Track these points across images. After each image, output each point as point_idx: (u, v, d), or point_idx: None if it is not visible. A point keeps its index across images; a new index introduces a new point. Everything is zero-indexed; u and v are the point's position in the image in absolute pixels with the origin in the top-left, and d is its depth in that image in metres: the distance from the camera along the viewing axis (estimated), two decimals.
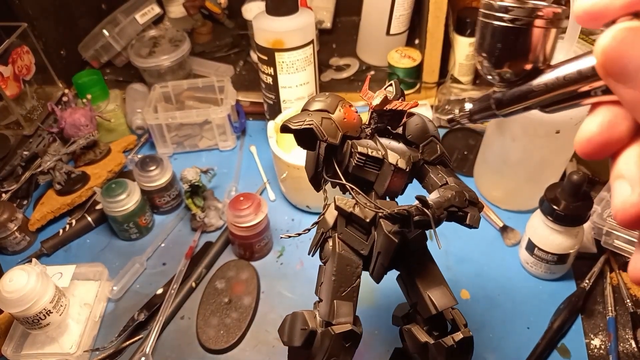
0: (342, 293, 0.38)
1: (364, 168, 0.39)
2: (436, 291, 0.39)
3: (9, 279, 0.55)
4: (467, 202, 0.38)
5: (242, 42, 1.09)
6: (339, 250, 0.39)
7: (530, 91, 0.28)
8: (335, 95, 0.40)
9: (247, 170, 0.87)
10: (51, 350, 0.61)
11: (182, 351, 0.63)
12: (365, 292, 0.66)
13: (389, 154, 0.39)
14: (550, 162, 0.68)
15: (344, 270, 0.39)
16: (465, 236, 0.73)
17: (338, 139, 0.38)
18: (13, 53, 0.84)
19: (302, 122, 0.38)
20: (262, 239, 0.70)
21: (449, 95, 0.89)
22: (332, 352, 0.37)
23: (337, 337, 0.37)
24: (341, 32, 1.11)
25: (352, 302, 0.39)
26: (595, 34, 0.79)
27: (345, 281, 0.39)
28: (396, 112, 0.39)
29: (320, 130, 0.37)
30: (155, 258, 0.74)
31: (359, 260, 0.39)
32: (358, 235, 0.39)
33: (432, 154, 0.41)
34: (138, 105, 0.93)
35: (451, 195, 0.37)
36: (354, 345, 0.39)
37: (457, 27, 0.90)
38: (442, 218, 0.36)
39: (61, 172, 0.79)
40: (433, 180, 0.40)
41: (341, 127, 0.38)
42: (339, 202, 0.39)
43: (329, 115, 0.39)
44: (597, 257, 0.68)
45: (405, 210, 0.35)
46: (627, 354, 0.59)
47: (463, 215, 0.38)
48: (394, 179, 0.38)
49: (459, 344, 0.38)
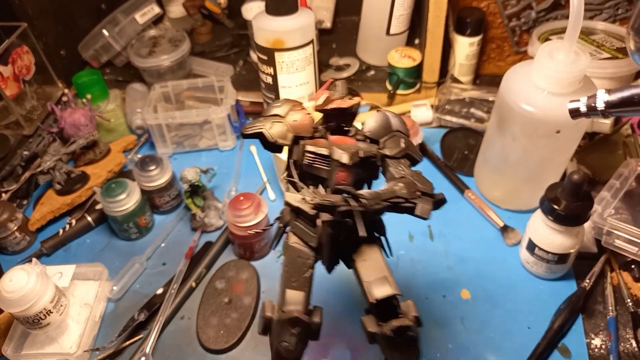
0: (293, 283, 0.41)
1: (314, 165, 0.41)
2: (375, 281, 0.40)
3: (9, 279, 0.55)
4: (419, 193, 0.39)
5: (242, 42, 1.09)
6: (291, 243, 0.42)
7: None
8: (289, 101, 0.44)
9: (247, 170, 0.87)
10: (51, 350, 0.61)
11: (182, 351, 0.63)
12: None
13: (334, 151, 0.40)
14: (551, 161, 0.68)
15: (295, 261, 0.41)
16: (466, 236, 0.73)
17: (289, 139, 0.41)
18: (13, 53, 0.83)
19: (254, 128, 0.42)
20: (262, 239, 0.70)
21: (449, 95, 0.89)
22: (280, 337, 0.40)
23: (282, 323, 0.40)
24: (341, 32, 1.11)
25: (303, 291, 0.41)
26: (595, 34, 0.79)
27: (297, 272, 0.41)
28: (341, 111, 0.42)
29: (269, 134, 0.41)
30: (155, 258, 0.74)
31: (310, 252, 0.42)
32: (307, 228, 0.41)
33: (394, 148, 0.42)
34: (138, 105, 0.93)
35: (398, 187, 0.38)
36: (306, 333, 0.40)
37: (457, 27, 0.89)
38: (377, 209, 0.37)
39: (61, 172, 0.79)
40: (390, 174, 0.42)
41: (292, 128, 0.42)
42: (288, 197, 0.41)
43: (280, 120, 0.42)
44: (597, 256, 0.68)
45: (328, 201, 0.36)
46: (628, 353, 0.59)
47: (412, 207, 0.38)
48: (339, 173, 0.40)
49: (395, 332, 0.38)
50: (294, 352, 0.40)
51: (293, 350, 0.40)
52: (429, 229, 0.75)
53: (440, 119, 0.89)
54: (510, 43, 0.94)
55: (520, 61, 0.77)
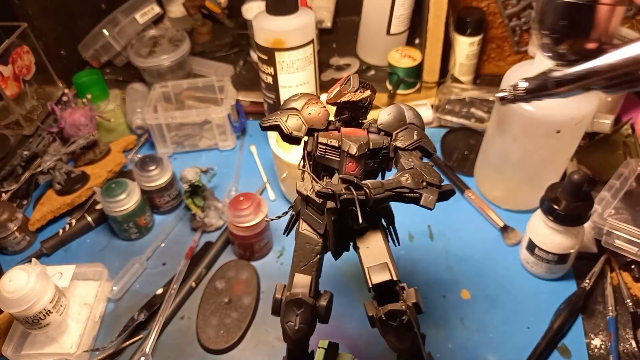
0: (301, 267, 0.44)
1: (326, 156, 0.43)
2: (376, 267, 0.41)
3: (9, 279, 0.55)
4: (425, 183, 0.39)
5: (242, 42, 1.09)
6: (301, 230, 0.45)
7: (594, 71, 0.26)
8: (306, 95, 0.45)
9: (247, 170, 0.87)
10: (51, 350, 0.61)
11: (182, 351, 0.63)
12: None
13: (344, 142, 0.42)
14: (551, 161, 0.68)
15: (304, 247, 0.44)
16: (466, 236, 0.73)
17: (303, 132, 0.43)
18: (13, 53, 0.83)
19: (270, 121, 0.44)
20: (262, 239, 0.70)
21: (449, 95, 0.89)
22: (286, 317, 0.42)
23: (287, 304, 0.42)
24: (341, 32, 1.11)
25: (310, 275, 0.43)
26: None
27: (305, 257, 0.44)
28: (353, 104, 0.43)
29: (285, 126, 0.43)
30: (155, 258, 0.74)
31: (318, 239, 0.44)
32: (316, 216, 0.43)
33: (407, 140, 0.43)
34: (138, 105, 0.93)
35: (404, 177, 0.39)
36: (312, 315, 0.42)
37: (458, 27, 0.89)
38: (378, 198, 0.38)
39: (61, 172, 0.79)
40: (401, 166, 0.42)
41: (307, 121, 0.44)
42: (299, 186, 0.43)
43: (296, 113, 0.44)
44: (597, 257, 0.68)
45: (330, 189, 0.37)
46: (628, 353, 0.59)
47: (417, 197, 0.39)
48: (349, 164, 0.42)
49: (388, 316, 0.39)
50: (299, 331, 0.42)
51: (298, 330, 0.42)
52: (429, 229, 0.75)
53: (441, 118, 0.89)
54: (511, 43, 0.94)
55: (520, 61, 0.77)
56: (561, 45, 0.27)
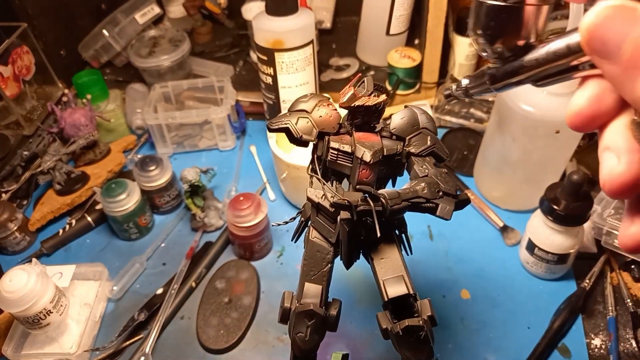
0: (312, 276, 0.42)
1: (338, 162, 0.41)
2: (391, 280, 0.40)
3: (9, 279, 0.55)
4: (442, 193, 0.38)
5: (242, 42, 1.09)
6: (311, 238, 0.43)
7: (522, 66, 0.29)
8: (316, 96, 0.43)
9: (247, 170, 0.87)
10: (51, 350, 0.61)
11: (182, 351, 0.63)
12: (370, 291, 0.66)
13: (357, 148, 0.40)
14: (550, 161, 0.68)
15: (315, 255, 0.42)
16: (466, 236, 0.73)
17: (313, 135, 0.41)
18: (13, 53, 0.83)
19: (280, 123, 0.42)
20: (262, 239, 0.70)
21: None
22: (297, 328, 0.41)
23: (298, 315, 0.41)
24: (341, 32, 1.11)
25: (321, 285, 0.42)
26: None
27: (316, 266, 0.42)
28: (367, 108, 0.41)
29: (295, 129, 0.41)
30: (155, 258, 0.74)
31: (329, 247, 0.42)
32: (327, 224, 0.42)
33: (420, 146, 0.42)
34: (138, 105, 0.93)
35: (420, 187, 0.38)
36: (323, 325, 0.41)
37: (457, 27, 0.90)
38: (395, 209, 0.36)
39: (61, 172, 0.79)
40: (415, 172, 0.41)
41: (318, 124, 0.41)
42: (310, 193, 0.41)
43: (306, 115, 0.42)
44: (597, 256, 0.68)
45: (346, 200, 0.36)
46: (628, 353, 0.59)
47: (434, 207, 0.38)
48: (362, 171, 0.40)
49: (405, 332, 0.39)
50: (310, 342, 0.41)
51: (308, 341, 0.41)
52: (428, 229, 0.75)
53: (440, 119, 0.89)
54: None
55: None
56: (494, 44, 0.29)
